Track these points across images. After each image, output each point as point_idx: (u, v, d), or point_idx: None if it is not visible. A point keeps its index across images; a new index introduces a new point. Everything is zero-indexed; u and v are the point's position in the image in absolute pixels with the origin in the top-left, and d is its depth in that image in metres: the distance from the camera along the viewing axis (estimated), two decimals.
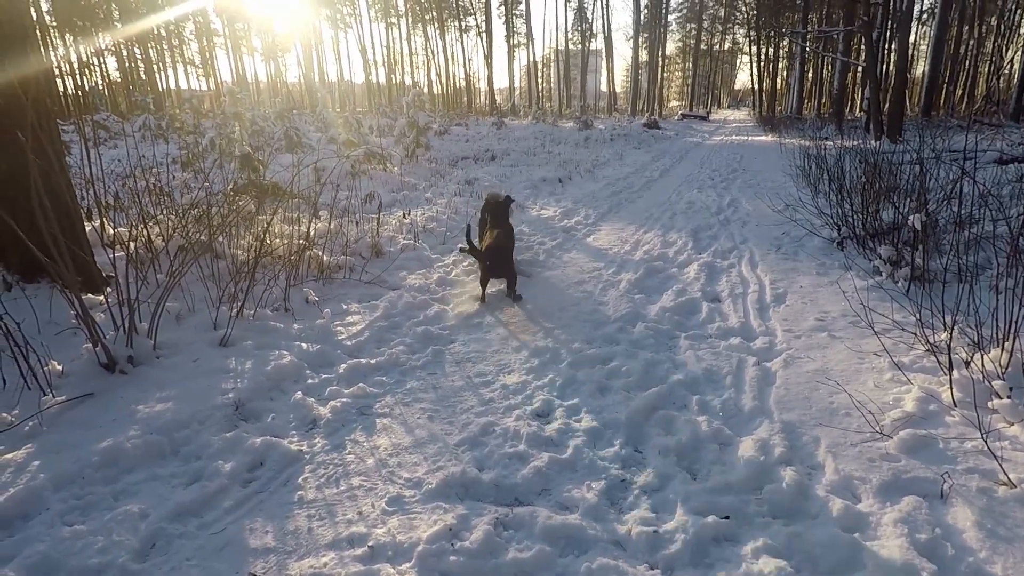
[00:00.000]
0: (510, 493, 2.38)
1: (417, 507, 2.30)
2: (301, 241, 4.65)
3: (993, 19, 34.62)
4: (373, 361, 3.50)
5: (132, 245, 4.18)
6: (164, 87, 42.95)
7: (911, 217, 4.41)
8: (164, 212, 4.41)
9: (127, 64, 39.47)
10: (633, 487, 2.41)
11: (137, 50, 38.58)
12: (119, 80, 40.70)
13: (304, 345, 3.64)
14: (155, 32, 40.65)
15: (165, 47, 43.84)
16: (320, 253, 4.86)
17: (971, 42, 32.31)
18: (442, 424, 2.88)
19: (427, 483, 2.42)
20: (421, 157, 12.85)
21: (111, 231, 4.52)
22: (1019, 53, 26.40)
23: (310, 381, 3.26)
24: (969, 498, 2.16)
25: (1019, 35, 31.05)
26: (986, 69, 33.27)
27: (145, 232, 4.12)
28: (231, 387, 3.10)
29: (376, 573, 1.96)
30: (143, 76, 39.06)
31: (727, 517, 2.18)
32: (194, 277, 4.15)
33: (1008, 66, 30.92)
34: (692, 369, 3.37)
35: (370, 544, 2.09)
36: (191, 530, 2.17)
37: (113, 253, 3.98)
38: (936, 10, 20.31)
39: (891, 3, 23.90)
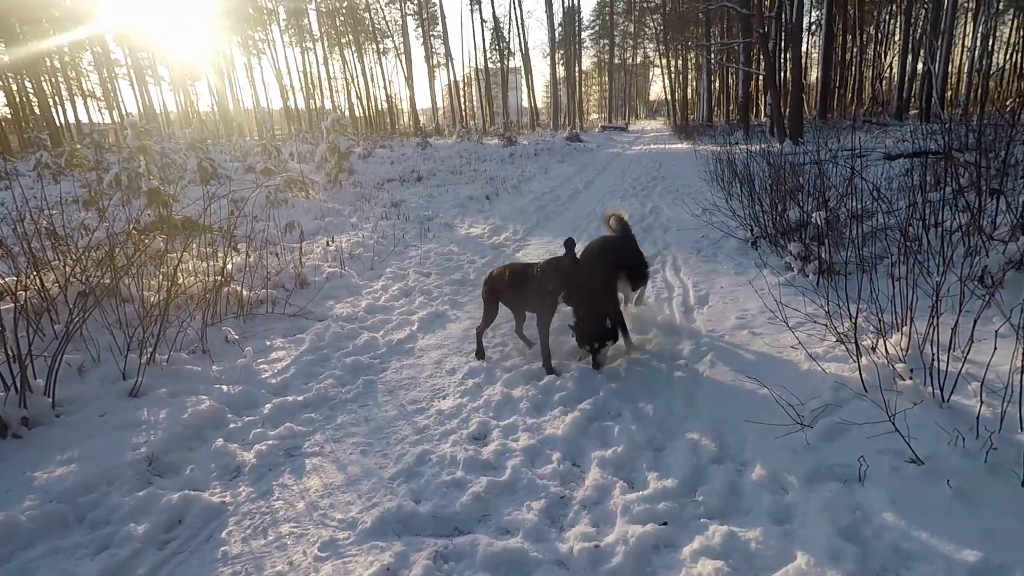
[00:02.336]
0: (449, 523, 2.32)
1: (352, 549, 2.20)
2: (217, 277, 4.42)
3: (872, 28, 37.92)
4: (300, 398, 3.35)
5: (23, 295, 3.83)
6: (63, 122, 40.14)
7: (814, 215, 4.71)
8: (60, 256, 4.07)
9: (17, 99, 36.65)
10: (573, 503, 2.40)
11: (28, 83, 35.91)
12: (9, 116, 37.75)
13: (225, 387, 3.44)
14: (48, 64, 38.03)
15: (61, 79, 41.05)
16: (239, 288, 4.63)
17: (855, 49, 35.20)
18: (376, 458, 2.79)
19: (362, 522, 2.32)
20: (345, 182, 12.60)
21: (1, 280, 4.13)
22: (896, 58, 29.00)
23: (232, 426, 3.08)
24: (883, 478, 2.28)
25: (895, 42, 34.09)
26: (870, 73, 36.31)
27: (37, 280, 3.78)
28: (143, 440, 2.88)
29: None
30: (37, 111, 36.36)
31: (665, 523, 2.21)
32: (98, 324, 3.85)
33: (888, 70, 33.90)
34: (624, 378, 3.42)
35: None
36: None
37: (14, 304, 3.63)
38: (822, 22, 22.03)
39: (783, 16, 25.71)
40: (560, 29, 47.03)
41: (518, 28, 47.10)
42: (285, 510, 2.44)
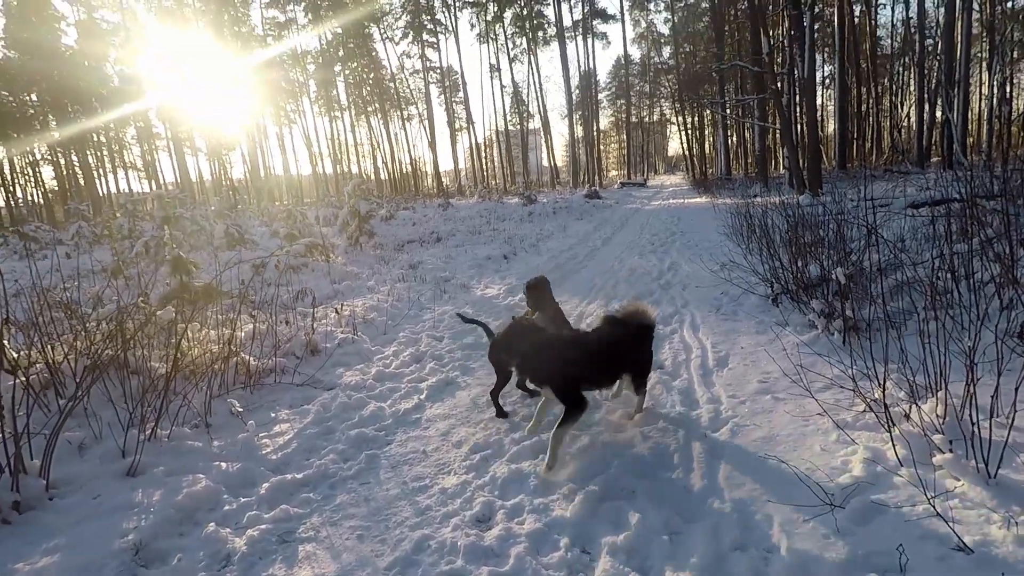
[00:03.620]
0: None
1: None
2: (225, 346, 4.39)
3: (886, 80, 38.30)
4: (300, 475, 3.21)
5: (31, 369, 3.83)
6: (105, 192, 42.29)
7: (835, 270, 4.54)
8: (71, 329, 4.10)
9: (64, 172, 38.84)
10: None
11: (75, 157, 38.08)
12: (56, 189, 39.90)
13: (224, 464, 3.33)
14: (95, 139, 40.42)
15: (105, 152, 43.50)
16: (247, 357, 4.59)
17: (871, 101, 35.44)
18: (372, 544, 2.62)
19: None
20: (366, 244, 12.81)
21: (13, 355, 4.16)
22: (913, 108, 29.05)
23: (227, 508, 2.95)
24: (927, 569, 2.04)
25: (910, 92, 34.25)
26: (888, 123, 36.37)
27: (44, 354, 3.79)
28: (134, 526, 2.76)
29: None
30: (81, 183, 38.39)
31: None
32: (103, 399, 3.82)
33: (905, 119, 33.92)
34: (638, 450, 3.23)
35: None
36: None
37: (14, 380, 3.63)
38: (835, 75, 22.30)
39: (795, 72, 26.13)
40: (577, 92, 48.49)
41: (536, 92, 48.82)
42: None
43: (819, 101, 39.01)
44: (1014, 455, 2.51)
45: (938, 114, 25.09)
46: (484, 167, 56.18)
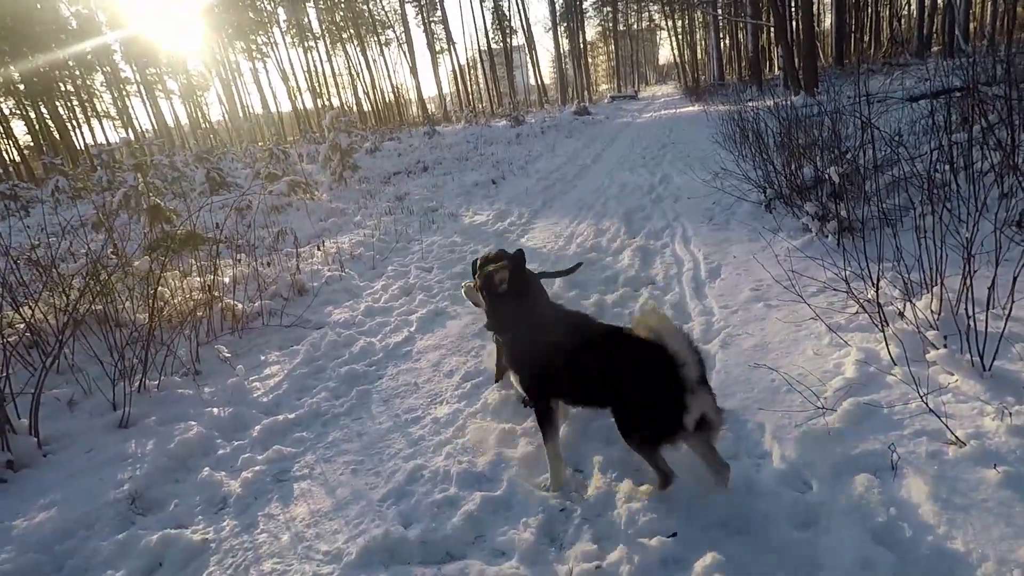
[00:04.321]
0: (440, 548, 2.14)
1: None
2: (208, 294, 4.29)
3: None
4: (292, 416, 3.20)
5: (14, 329, 3.76)
6: (82, 144, 40.89)
7: (829, 170, 4.36)
8: (46, 286, 3.98)
9: (36, 126, 37.39)
10: (574, 516, 2.20)
11: (44, 109, 36.54)
12: (31, 144, 38.56)
13: (215, 410, 3.31)
14: (62, 88, 38.68)
15: (75, 102, 41.75)
16: (233, 302, 4.50)
17: None
18: (367, 477, 2.62)
19: (347, 553, 2.16)
20: (350, 179, 12.46)
21: None
22: None
23: (221, 452, 2.95)
24: (920, 466, 2.02)
25: None
26: (887, 13, 34.61)
27: (20, 313, 3.69)
28: (128, 476, 2.76)
29: None
30: (56, 136, 37.06)
31: (674, 534, 1.99)
32: (89, 355, 3.76)
33: (906, 7, 32.24)
34: None
35: None
36: None
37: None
38: None
39: None
40: (561, 1, 45.91)
41: (519, 5, 46.19)
42: (269, 544, 2.29)
43: None
44: (1010, 346, 2.45)
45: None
46: (469, 90, 54.05)
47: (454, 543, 2.15)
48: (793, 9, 25.91)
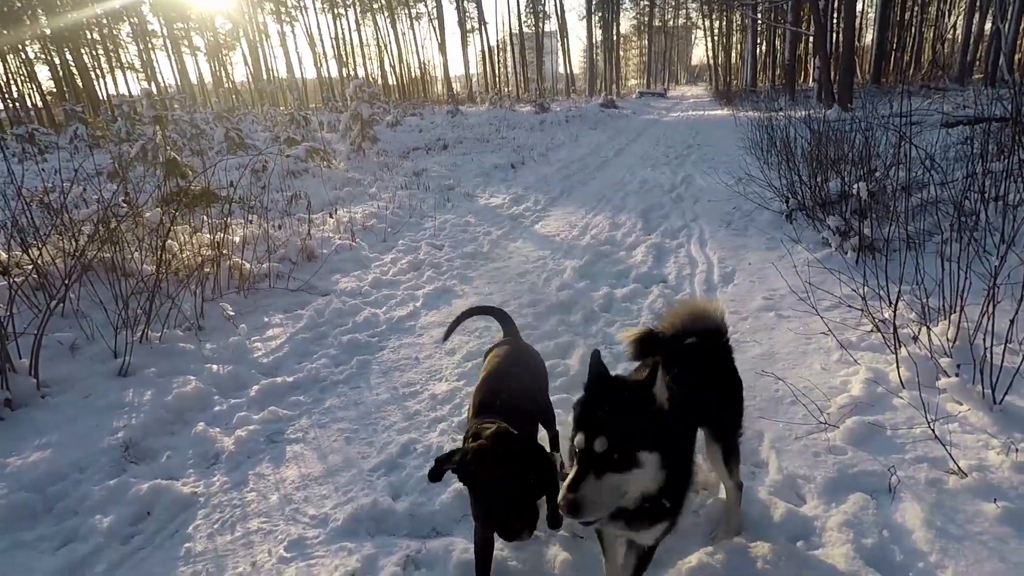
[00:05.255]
0: (427, 523, 2.14)
1: (320, 550, 2.04)
2: (216, 251, 4.29)
3: None
4: (291, 379, 3.20)
5: (21, 270, 3.77)
6: (104, 95, 40.95)
7: (856, 185, 4.28)
8: (56, 230, 3.99)
9: (60, 72, 37.47)
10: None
11: (70, 56, 36.59)
12: (54, 91, 38.65)
13: (215, 367, 3.32)
14: (88, 37, 38.70)
15: (100, 51, 41.78)
16: (241, 261, 4.50)
17: (915, 8, 32.81)
18: (360, 446, 2.62)
19: (334, 519, 2.16)
20: (369, 151, 12.41)
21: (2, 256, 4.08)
22: (961, 17, 26.91)
23: (217, 408, 2.95)
24: (918, 492, 1.98)
25: None
26: (931, 35, 33.89)
27: (28, 254, 3.70)
28: (124, 424, 2.77)
29: None
30: (79, 84, 37.14)
31: None
32: (94, 302, 3.77)
33: (951, 30, 31.54)
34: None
35: None
36: None
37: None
38: None
39: None
40: None
41: None
42: (257, 503, 2.30)
43: (859, 7, 36.21)
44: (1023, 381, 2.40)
45: (987, 25, 23.20)
46: (496, 73, 53.62)
47: (441, 519, 2.14)
48: (835, 20, 25.40)
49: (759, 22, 31.84)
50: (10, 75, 35.72)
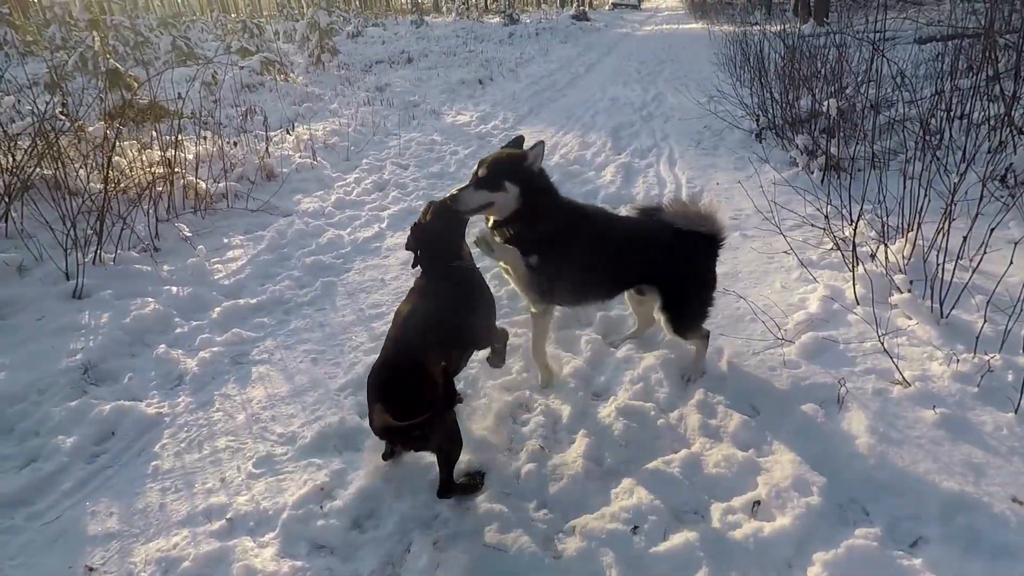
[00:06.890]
0: None
1: (288, 466, 2.08)
2: (175, 169, 4.06)
3: None
4: (254, 301, 3.14)
5: None
6: None
7: (827, 102, 4.23)
8: None
9: None
10: (533, 410, 2.24)
11: None
12: None
13: (174, 289, 3.22)
14: None
15: None
16: (196, 180, 4.29)
17: None
18: (326, 367, 2.62)
19: (302, 437, 2.19)
20: (328, 63, 11.70)
21: None
22: None
23: (179, 331, 2.90)
24: (864, 401, 2.09)
25: None
26: None
27: None
28: (81, 347, 2.71)
29: (232, 549, 1.75)
30: None
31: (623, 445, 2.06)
32: (39, 222, 3.57)
33: None
34: None
35: (229, 516, 1.87)
36: (18, 523, 1.88)
37: None
38: None
39: None
40: None
41: None
42: (224, 422, 2.30)
43: None
44: (970, 297, 2.50)
45: None
46: None
47: None
48: None
49: None
50: None
